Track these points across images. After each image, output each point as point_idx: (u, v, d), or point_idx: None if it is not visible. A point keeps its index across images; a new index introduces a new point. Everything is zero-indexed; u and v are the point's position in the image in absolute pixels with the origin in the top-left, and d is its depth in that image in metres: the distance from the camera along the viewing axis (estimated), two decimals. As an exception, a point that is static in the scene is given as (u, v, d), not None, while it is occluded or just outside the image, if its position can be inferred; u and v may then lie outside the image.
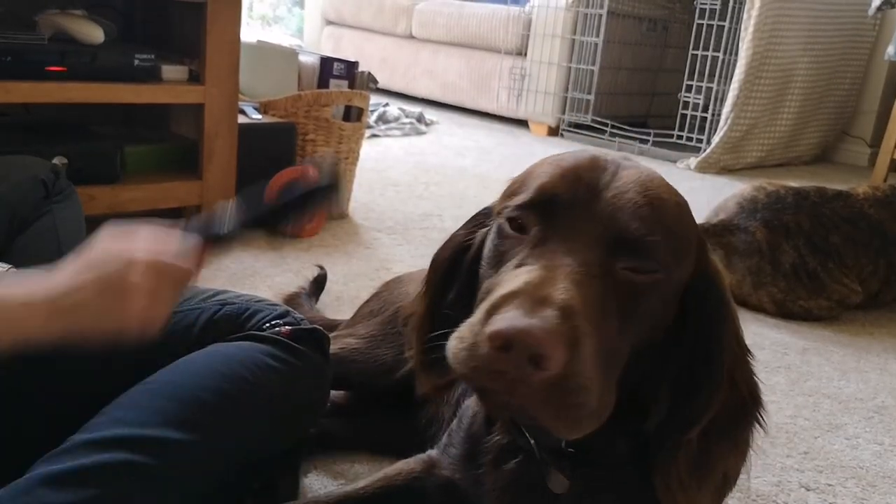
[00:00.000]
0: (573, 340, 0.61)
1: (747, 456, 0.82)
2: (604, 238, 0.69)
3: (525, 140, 4.38)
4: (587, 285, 0.65)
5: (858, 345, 1.98)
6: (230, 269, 1.97)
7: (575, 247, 0.68)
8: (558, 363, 0.59)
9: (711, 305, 0.75)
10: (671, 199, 0.75)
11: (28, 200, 1.37)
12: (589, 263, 0.67)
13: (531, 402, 0.62)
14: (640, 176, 0.74)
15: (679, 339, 0.75)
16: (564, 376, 0.60)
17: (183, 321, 1.03)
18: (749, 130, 4.00)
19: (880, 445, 1.48)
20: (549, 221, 0.71)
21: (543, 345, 0.59)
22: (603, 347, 0.65)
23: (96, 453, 0.86)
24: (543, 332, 0.59)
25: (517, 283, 0.64)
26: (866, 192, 2.23)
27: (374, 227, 2.48)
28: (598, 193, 0.71)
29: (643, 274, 0.70)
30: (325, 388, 1.10)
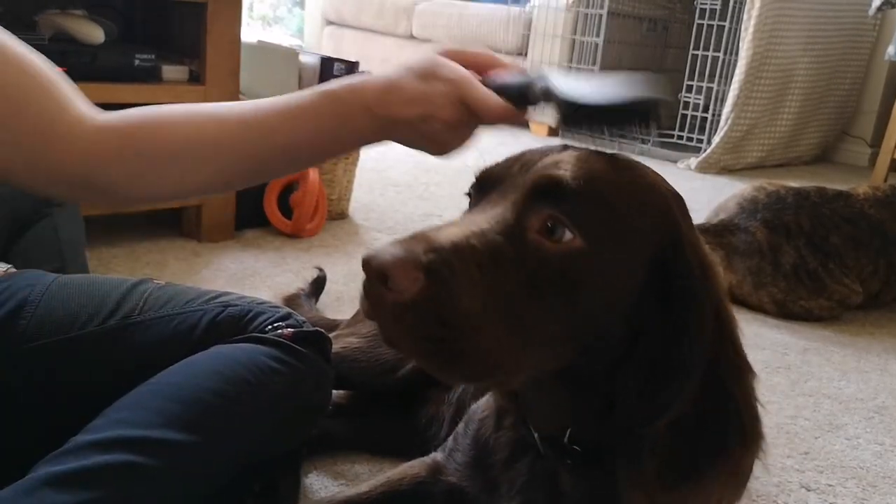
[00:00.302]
0: (433, 270, 0.63)
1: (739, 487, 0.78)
2: (521, 201, 0.70)
3: (525, 140, 4.38)
4: (483, 237, 0.67)
5: (859, 345, 1.98)
6: (230, 270, 1.97)
7: (492, 209, 0.71)
8: (402, 283, 0.63)
9: (681, 293, 0.70)
10: (625, 177, 0.73)
11: (28, 202, 1.37)
12: (497, 222, 0.69)
13: (392, 328, 0.65)
14: (585, 154, 0.74)
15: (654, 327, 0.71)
16: (417, 302, 0.63)
17: (185, 323, 1.03)
18: (749, 130, 4.00)
19: (881, 446, 1.48)
20: (481, 193, 0.76)
21: (386, 266, 0.63)
22: (497, 299, 0.66)
23: (99, 454, 0.86)
24: (391, 256, 0.63)
25: (425, 228, 0.68)
26: (867, 192, 2.23)
27: (375, 228, 2.48)
28: (529, 168, 0.74)
29: (557, 242, 0.68)
30: (326, 389, 1.10)
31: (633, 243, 0.71)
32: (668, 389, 0.69)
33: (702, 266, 0.73)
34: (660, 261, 0.71)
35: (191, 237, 2.16)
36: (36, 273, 1.09)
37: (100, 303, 1.03)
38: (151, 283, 1.09)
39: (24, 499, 0.81)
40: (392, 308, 0.64)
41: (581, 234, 0.68)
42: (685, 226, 0.74)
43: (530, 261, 0.68)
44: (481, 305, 0.65)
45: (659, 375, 0.69)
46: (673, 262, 0.71)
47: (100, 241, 2.03)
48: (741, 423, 0.71)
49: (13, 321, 0.98)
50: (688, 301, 0.70)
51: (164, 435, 0.89)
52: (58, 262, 1.33)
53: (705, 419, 0.70)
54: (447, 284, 0.63)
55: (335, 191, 2.47)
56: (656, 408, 0.69)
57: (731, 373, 0.72)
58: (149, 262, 1.97)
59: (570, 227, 0.68)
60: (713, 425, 0.70)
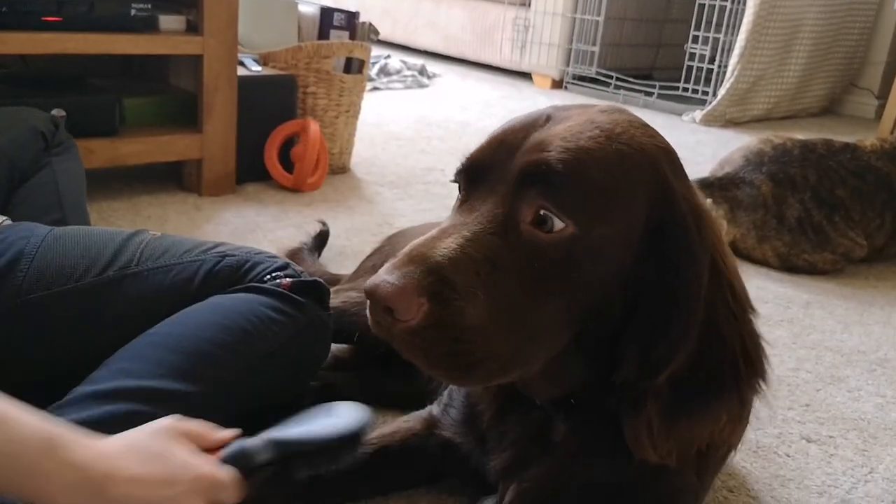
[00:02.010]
0: (435, 293, 0.65)
1: (741, 421, 0.80)
2: (510, 193, 0.70)
3: (528, 93, 4.33)
4: (478, 241, 0.68)
5: (862, 298, 1.97)
6: (232, 224, 1.96)
7: (484, 202, 0.71)
8: (407, 313, 0.65)
9: (676, 252, 0.70)
10: (604, 148, 0.71)
11: (27, 153, 1.36)
12: (489, 221, 0.69)
13: (406, 350, 0.68)
14: (568, 128, 0.72)
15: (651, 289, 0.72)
16: (425, 326, 0.65)
17: (182, 273, 1.03)
18: (756, 82, 3.95)
19: (882, 398, 1.48)
20: (471, 185, 0.74)
21: (388, 298, 0.65)
22: (501, 302, 0.67)
23: (101, 405, 0.86)
24: (389, 287, 0.65)
25: (414, 242, 0.69)
26: (874, 144, 2.21)
27: (377, 182, 2.46)
28: (514, 153, 0.72)
29: (550, 232, 0.68)
30: (325, 340, 1.10)
31: (625, 215, 0.71)
32: (667, 346, 0.70)
33: (696, 219, 0.72)
34: (654, 220, 0.71)
35: (191, 191, 2.15)
36: (30, 225, 1.08)
37: (96, 254, 1.02)
38: (148, 234, 1.09)
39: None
40: (401, 333, 0.66)
41: (572, 220, 0.68)
42: (676, 182, 0.73)
43: (527, 254, 0.69)
44: (487, 313, 0.67)
45: (658, 333, 0.70)
46: (666, 220, 0.71)
47: (100, 195, 2.02)
48: (736, 366, 0.72)
49: (10, 274, 0.98)
50: (682, 258, 0.70)
51: (165, 385, 0.89)
52: (58, 214, 1.32)
53: (702, 365, 0.71)
54: (451, 304, 0.65)
55: (336, 145, 2.45)
56: (656, 365, 0.70)
57: (728, 319, 0.72)
58: (150, 215, 1.96)
59: (561, 216, 0.68)
60: (709, 371, 0.71)
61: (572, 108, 0.78)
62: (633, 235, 0.70)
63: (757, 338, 0.75)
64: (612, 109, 0.78)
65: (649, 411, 0.71)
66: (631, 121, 0.76)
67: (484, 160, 0.75)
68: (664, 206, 0.71)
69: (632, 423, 0.72)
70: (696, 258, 0.70)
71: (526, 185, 0.69)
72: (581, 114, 0.76)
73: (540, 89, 4.49)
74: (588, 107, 0.78)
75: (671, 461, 0.73)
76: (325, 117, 2.38)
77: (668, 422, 0.71)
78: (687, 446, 0.75)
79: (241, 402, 0.98)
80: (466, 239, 0.68)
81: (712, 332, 0.71)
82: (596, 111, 0.77)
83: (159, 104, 2.16)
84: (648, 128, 0.77)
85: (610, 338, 0.73)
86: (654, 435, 0.71)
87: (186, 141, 2.06)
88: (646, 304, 0.71)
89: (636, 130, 0.75)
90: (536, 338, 0.70)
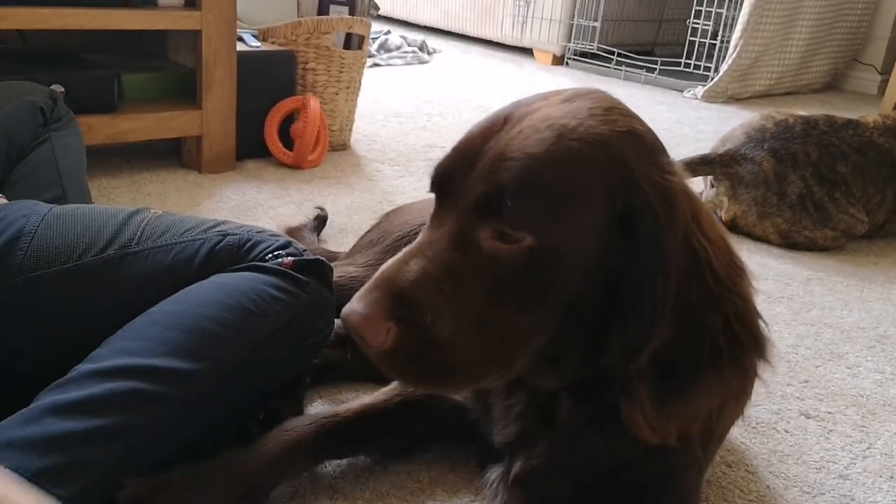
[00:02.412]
0: (401, 317, 0.69)
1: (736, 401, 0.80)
2: (472, 203, 0.71)
3: (530, 69, 4.31)
4: (440, 260, 0.71)
5: (862, 275, 1.97)
6: (233, 201, 1.96)
7: (448, 219, 0.73)
8: (376, 338, 0.69)
9: (642, 238, 0.70)
10: (554, 150, 0.70)
11: (25, 128, 1.35)
12: (450, 238, 0.72)
13: (385, 370, 0.72)
14: (519, 133, 0.72)
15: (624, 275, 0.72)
16: (396, 348, 0.69)
17: (184, 252, 1.03)
18: (758, 58, 3.92)
19: (881, 374, 1.49)
20: (440, 196, 0.76)
21: (357, 327, 0.70)
22: (469, 313, 0.70)
23: (102, 382, 0.86)
24: (357, 316, 0.69)
25: (384, 266, 0.73)
26: (876, 120, 2.20)
27: (377, 159, 2.45)
28: (480, 157, 0.73)
29: (510, 244, 0.70)
30: (328, 317, 1.10)
31: (584, 213, 0.71)
32: (640, 331, 0.71)
33: (664, 201, 0.71)
34: (618, 210, 0.71)
35: (191, 168, 2.14)
36: (30, 203, 1.08)
37: (97, 233, 1.02)
38: (148, 212, 1.08)
39: (29, 426, 0.81)
40: (376, 357, 0.71)
41: (529, 232, 0.69)
42: (640, 166, 0.72)
43: (489, 267, 0.70)
44: (455, 326, 0.70)
45: (632, 319, 0.71)
46: (631, 207, 0.71)
47: (100, 172, 2.01)
48: (717, 344, 0.72)
49: (10, 252, 0.98)
50: (648, 244, 0.70)
51: (167, 363, 0.89)
52: (57, 191, 1.31)
53: (683, 346, 0.72)
54: (417, 325, 0.69)
55: (336, 121, 2.44)
56: (634, 349, 0.72)
57: (706, 299, 0.72)
58: (150, 192, 1.96)
59: (517, 233, 0.69)
60: (690, 351, 0.72)
61: (534, 102, 0.76)
62: (597, 230, 0.71)
63: (745, 315, 0.74)
64: (574, 96, 0.76)
65: (640, 394, 0.72)
66: (591, 108, 0.74)
67: (448, 172, 0.76)
68: (627, 195, 0.71)
69: (626, 406, 0.73)
70: (662, 242, 0.70)
71: (481, 212, 0.71)
72: (539, 109, 0.74)
73: (541, 65, 4.46)
74: (551, 96, 0.77)
75: (672, 440, 0.74)
76: (324, 93, 2.37)
77: (658, 402, 0.73)
78: (684, 424, 0.75)
79: (243, 381, 0.98)
80: (429, 259, 0.71)
81: (689, 314, 0.71)
82: (556, 102, 0.75)
83: (158, 80, 2.14)
84: (612, 111, 0.75)
85: (597, 325, 0.74)
86: (647, 416, 0.72)
87: (186, 117, 2.05)
88: (621, 291, 0.72)
89: (593, 119, 0.73)
90: (511, 340, 0.73)
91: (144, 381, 0.87)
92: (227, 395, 0.96)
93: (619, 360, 0.72)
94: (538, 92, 0.81)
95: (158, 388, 0.88)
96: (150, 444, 0.89)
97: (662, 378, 0.72)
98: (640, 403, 0.72)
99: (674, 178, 0.73)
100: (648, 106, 3.64)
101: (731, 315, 0.73)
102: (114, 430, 0.85)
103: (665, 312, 0.70)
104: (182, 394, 0.90)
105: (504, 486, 0.88)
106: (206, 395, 0.92)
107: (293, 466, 0.98)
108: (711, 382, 0.73)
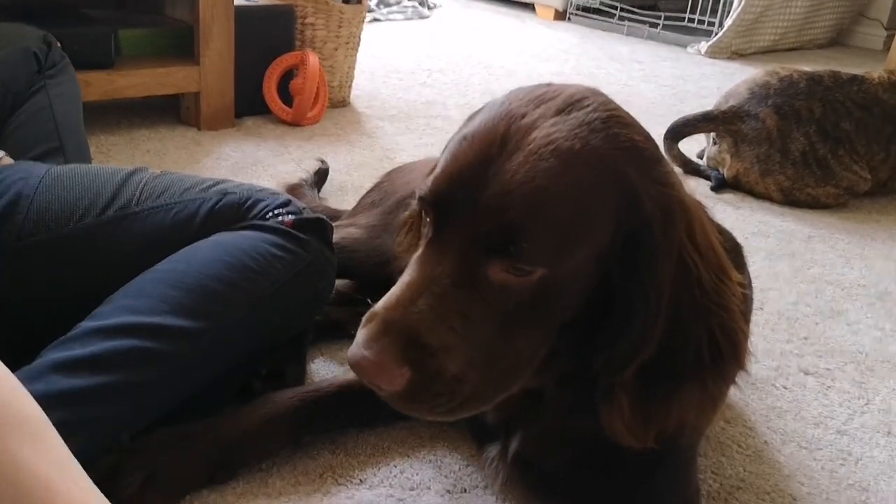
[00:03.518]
0: (414, 361, 0.68)
1: (714, 407, 0.81)
2: (478, 239, 0.69)
3: (531, 24, 4.25)
4: (449, 298, 0.69)
5: (864, 232, 1.97)
6: (232, 158, 1.95)
7: (450, 251, 0.70)
8: (391, 385, 0.69)
9: (640, 257, 0.70)
10: (563, 180, 0.68)
11: (20, 75, 1.33)
12: (459, 271, 0.70)
13: (398, 408, 0.72)
14: (525, 160, 0.68)
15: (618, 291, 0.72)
16: (409, 390, 0.69)
17: (184, 212, 1.02)
18: (763, 13, 3.87)
19: (881, 331, 1.50)
20: (438, 218, 0.72)
21: (371, 375, 0.69)
22: (479, 347, 0.70)
23: (106, 340, 0.87)
24: (369, 364, 0.68)
25: (386, 298, 0.72)
26: (881, 76, 2.17)
27: (377, 116, 2.43)
28: (482, 185, 0.69)
29: (521, 276, 0.69)
30: (329, 276, 1.10)
31: (594, 240, 0.70)
32: (630, 345, 0.72)
33: (663, 219, 0.71)
34: (622, 232, 0.70)
35: (190, 125, 2.13)
36: (27, 164, 1.07)
37: (96, 194, 1.02)
38: (147, 172, 1.08)
39: (35, 384, 0.82)
40: (389, 398, 0.71)
41: (541, 265, 0.68)
42: (643, 184, 0.70)
43: (498, 299, 0.70)
44: (466, 361, 0.70)
45: (623, 333, 0.72)
46: (633, 228, 0.70)
47: (98, 129, 2.00)
48: (700, 358, 0.73)
49: (10, 216, 0.97)
50: (645, 263, 0.70)
51: (169, 321, 0.89)
52: (54, 142, 1.29)
53: (667, 358, 0.73)
54: (430, 366, 0.68)
55: (336, 78, 2.42)
56: (622, 361, 0.72)
57: (694, 314, 0.73)
58: (148, 150, 1.95)
59: (528, 267, 0.68)
60: (673, 363, 0.73)
61: (527, 112, 0.72)
62: (602, 252, 0.71)
63: (729, 327, 0.74)
64: (569, 105, 0.73)
65: (620, 401, 0.74)
66: (591, 122, 0.71)
67: (445, 197, 0.72)
68: (631, 216, 0.70)
69: (605, 412, 0.75)
70: (659, 262, 0.70)
71: (492, 249, 0.69)
72: (536, 125, 0.71)
73: (543, 20, 4.40)
74: (543, 101, 0.73)
75: (651, 444, 0.76)
76: (324, 49, 2.34)
77: (638, 410, 0.74)
78: (661, 430, 0.77)
79: (244, 340, 0.98)
80: (437, 297, 0.70)
81: (677, 327, 0.72)
82: (552, 114, 0.72)
83: (155, 36, 2.12)
84: (611, 121, 0.72)
85: (584, 336, 0.75)
86: (626, 422, 0.74)
87: (184, 73, 2.03)
88: (613, 305, 0.72)
89: (596, 138, 0.71)
90: (516, 364, 0.74)
91: (147, 338, 0.88)
92: (228, 352, 0.97)
93: (604, 369, 0.74)
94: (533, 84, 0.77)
95: (160, 346, 0.88)
96: (153, 401, 0.90)
97: (644, 385, 0.74)
98: (620, 409, 0.74)
99: (672, 192, 0.72)
100: (651, 62, 3.60)
101: (716, 327, 0.74)
102: (116, 386, 0.85)
103: (654, 329, 0.71)
104: (184, 351, 0.90)
105: (504, 465, 0.90)
106: (208, 353, 0.93)
107: (272, 441, 0.99)
108: (693, 391, 0.75)
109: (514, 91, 0.76)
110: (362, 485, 0.98)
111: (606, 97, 0.76)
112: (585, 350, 0.74)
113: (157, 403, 0.91)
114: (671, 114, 2.43)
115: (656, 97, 3.00)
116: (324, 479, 0.98)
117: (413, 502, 0.96)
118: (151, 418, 0.91)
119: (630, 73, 3.36)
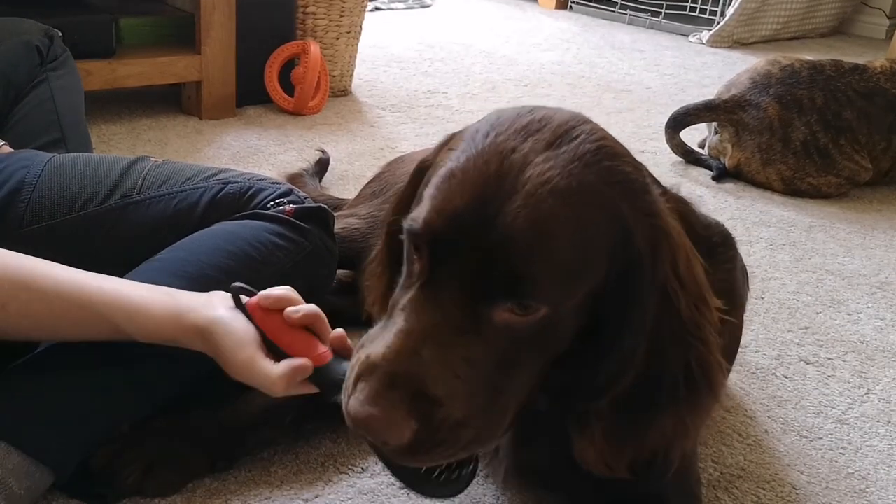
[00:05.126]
0: (421, 414, 0.67)
1: (687, 439, 0.81)
2: (483, 283, 0.68)
3: (533, 13, 4.24)
4: (453, 345, 0.68)
5: (865, 221, 1.97)
6: (233, 147, 1.95)
7: (450, 295, 0.68)
8: (400, 440, 0.67)
9: (627, 291, 0.71)
10: (565, 221, 0.68)
11: (22, 68, 1.33)
12: (461, 316, 0.68)
13: (404, 461, 0.71)
14: (525, 203, 0.67)
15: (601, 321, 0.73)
16: (415, 441, 0.67)
17: (185, 201, 1.03)
18: (765, 1, 3.85)
19: (881, 321, 1.50)
20: (433, 261, 0.70)
21: (380, 432, 0.67)
22: (481, 390, 0.69)
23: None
24: (377, 422, 0.66)
25: (383, 347, 0.68)
26: (883, 65, 2.17)
27: (378, 105, 2.43)
28: (484, 228, 0.67)
29: (524, 316, 0.68)
30: (330, 265, 1.10)
31: (594, 278, 0.70)
32: (609, 375, 0.72)
33: (651, 252, 0.71)
34: (614, 269, 0.71)
35: (191, 114, 2.13)
36: (29, 153, 1.07)
37: (98, 183, 1.02)
38: (149, 161, 1.08)
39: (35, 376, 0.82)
40: (392, 452, 0.69)
41: (545, 304, 0.68)
42: (635, 219, 0.71)
43: (500, 340, 0.69)
44: (469, 405, 0.69)
45: (602, 363, 0.72)
46: (624, 265, 0.70)
47: (99, 118, 2.00)
48: (676, 390, 0.74)
49: (12, 204, 0.98)
50: (632, 298, 0.71)
51: (171, 310, 0.89)
52: (56, 133, 1.29)
53: (643, 389, 0.73)
54: (436, 418, 0.67)
55: (337, 67, 2.41)
56: (599, 390, 0.73)
57: (673, 346, 0.73)
58: (150, 139, 1.95)
59: (535, 306, 0.68)
60: (650, 394, 0.73)
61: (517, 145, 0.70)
62: (597, 287, 0.71)
63: (705, 360, 0.75)
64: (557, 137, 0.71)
65: (593, 430, 0.74)
66: (582, 156, 0.70)
67: (440, 238, 0.69)
68: (623, 253, 0.70)
69: (578, 441, 0.76)
70: (645, 297, 0.71)
71: (496, 293, 0.68)
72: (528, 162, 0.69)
73: (544, 9, 4.39)
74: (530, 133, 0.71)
75: (623, 474, 0.76)
76: (325, 38, 2.34)
77: (611, 439, 0.74)
78: (633, 459, 0.77)
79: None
80: (441, 345, 0.68)
81: (655, 358, 0.72)
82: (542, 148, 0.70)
83: (157, 25, 2.11)
84: (601, 152, 0.71)
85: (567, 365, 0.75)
86: (599, 451, 0.75)
87: (185, 62, 2.03)
88: (595, 335, 0.73)
89: (590, 173, 0.70)
90: (516, 397, 0.74)
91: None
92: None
93: (581, 396, 0.74)
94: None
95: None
96: (154, 390, 0.91)
97: (619, 414, 0.74)
98: (591, 438, 0.74)
99: (660, 223, 0.72)
100: (653, 51, 3.59)
101: (693, 360, 0.74)
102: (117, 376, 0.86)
103: (636, 362, 0.72)
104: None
105: (508, 477, 0.91)
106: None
107: (273, 429, 0.99)
108: (667, 422, 0.75)
109: (496, 118, 0.73)
110: (364, 473, 0.99)
111: (593, 123, 0.74)
112: (566, 379, 0.75)
113: (158, 392, 0.92)
114: (673, 103, 2.43)
115: (658, 86, 2.99)
116: (325, 467, 0.99)
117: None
118: (153, 407, 0.92)
119: (632, 62, 3.35)
